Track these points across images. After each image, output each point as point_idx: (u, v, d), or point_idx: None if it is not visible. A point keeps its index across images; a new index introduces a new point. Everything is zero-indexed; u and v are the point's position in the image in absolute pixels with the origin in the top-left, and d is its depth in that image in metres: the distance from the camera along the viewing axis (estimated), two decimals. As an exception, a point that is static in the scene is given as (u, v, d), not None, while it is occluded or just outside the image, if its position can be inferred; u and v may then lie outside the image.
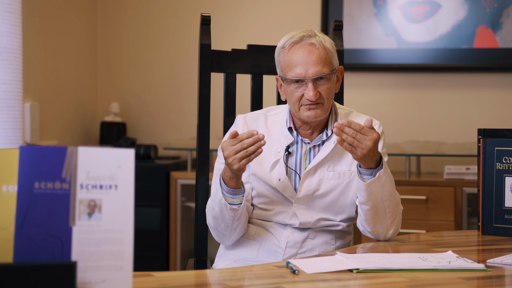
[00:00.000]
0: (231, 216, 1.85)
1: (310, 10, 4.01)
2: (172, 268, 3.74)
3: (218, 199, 1.84)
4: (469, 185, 3.40)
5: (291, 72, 1.89)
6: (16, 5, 3.23)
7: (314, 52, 1.87)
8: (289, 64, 1.89)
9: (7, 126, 3.21)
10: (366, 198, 1.82)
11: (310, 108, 1.88)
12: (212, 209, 1.89)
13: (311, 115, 1.88)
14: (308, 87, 1.86)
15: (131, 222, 1.11)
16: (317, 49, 1.88)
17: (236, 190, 1.83)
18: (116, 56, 4.33)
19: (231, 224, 1.88)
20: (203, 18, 2.15)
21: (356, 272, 1.46)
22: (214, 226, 1.92)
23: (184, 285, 1.37)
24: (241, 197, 1.84)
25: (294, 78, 1.88)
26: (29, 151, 1.08)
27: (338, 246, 1.97)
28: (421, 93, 3.93)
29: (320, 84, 1.88)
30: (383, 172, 1.79)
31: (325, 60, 1.88)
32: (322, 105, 1.89)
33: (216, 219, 1.89)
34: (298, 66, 1.87)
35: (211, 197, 1.91)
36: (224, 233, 1.92)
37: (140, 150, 3.85)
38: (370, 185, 1.79)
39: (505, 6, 3.75)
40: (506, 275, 1.49)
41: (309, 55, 1.87)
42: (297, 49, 1.89)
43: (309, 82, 1.86)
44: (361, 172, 1.81)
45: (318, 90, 1.87)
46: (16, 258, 1.07)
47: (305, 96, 1.87)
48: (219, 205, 1.84)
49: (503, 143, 2.03)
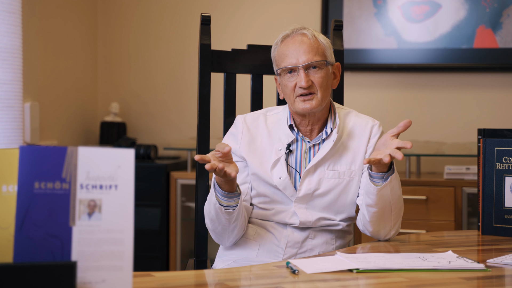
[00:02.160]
0: (227, 219, 1.85)
1: (310, 10, 4.01)
2: (172, 268, 3.74)
3: (213, 203, 1.83)
4: (469, 185, 3.40)
5: (283, 63, 1.92)
6: (16, 5, 3.23)
7: (305, 42, 1.91)
8: (282, 55, 1.93)
9: (7, 126, 3.21)
10: (376, 201, 1.82)
11: (304, 100, 1.90)
12: (209, 212, 1.89)
13: (306, 108, 1.90)
14: (300, 75, 1.89)
15: (131, 222, 1.11)
16: (308, 39, 1.92)
17: (231, 193, 1.81)
18: (116, 56, 4.33)
19: (228, 226, 1.88)
20: (203, 18, 2.15)
21: (356, 272, 1.46)
22: (212, 228, 1.92)
23: (184, 285, 1.36)
24: (237, 199, 1.82)
25: (286, 67, 1.90)
26: (29, 151, 1.08)
27: (338, 246, 1.97)
28: (421, 93, 3.93)
29: (312, 73, 1.90)
30: (394, 176, 1.79)
31: (316, 49, 1.91)
32: (316, 95, 1.90)
33: (213, 221, 1.88)
34: (289, 56, 1.91)
35: (207, 200, 1.90)
36: (222, 235, 1.92)
37: (140, 150, 3.85)
38: (382, 189, 1.79)
39: (505, 6, 3.75)
40: (506, 275, 1.49)
41: (300, 44, 1.91)
42: (288, 41, 1.94)
43: (300, 69, 1.89)
44: (372, 176, 1.81)
45: (310, 79, 1.89)
46: (16, 258, 1.07)
47: (298, 84, 1.89)
48: (214, 208, 1.84)
49: (503, 143, 2.03)
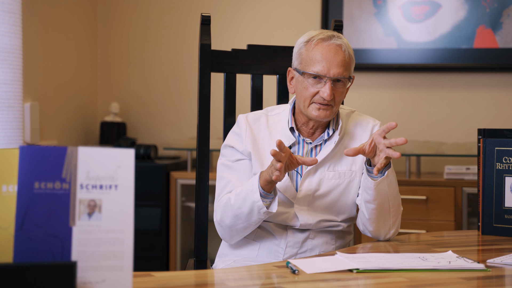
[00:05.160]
0: (260, 219, 1.84)
1: (310, 10, 4.01)
2: (172, 268, 3.74)
3: (252, 200, 1.81)
4: (469, 185, 3.40)
5: (312, 67, 1.87)
6: (16, 5, 3.23)
7: (339, 54, 1.87)
8: (312, 58, 1.88)
9: (7, 126, 3.21)
10: (374, 196, 1.82)
11: (320, 108, 1.87)
12: (237, 208, 1.85)
13: (321, 115, 1.88)
14: (326, 86, 1.85)
15: (131, 222, 1.11)
16: (343, 51, 1.87)
17: (269, 194, 1.81)
18: (116, 56, 4.33)
19: (253, 226, 1.87)
20: (203, 18, 2.15)
21: (356, 272, 1.46)
22: (230, 224, 1.89)
23: (184, 285, 1.36)
24: (268, 201, 1.82)
25: (315, 73, 1.86)
26: (29, 151, 1.08)
27: (338, 246, 1.97)
28: (421, 93, 3.93)
29: (337, 86, 1.87)
30: (391, 170, 1.80)
31: (347, 64, 1.88)
32: (332, 107, 1.88)
33: (238, 218, 1.86)
34: (321, 63, 1.86)
35: (236, 197, 1.86)
36: (239, 232, 1.90)
37: (140, 150, 3.85)
38: (379, 183, 1.79)
39: (505, 6, 3.75)
40: (506, 275, 1.49)
41: (335, 55, 1.86)
42: (324, 46, 1.87)
43: (328, 81, 1.85)
44: (369, 171, 1.81)
45: (333, 92, 1.86)
46: (16, 258, 1.07)
47: (320, 94, 1.86)
48: (250, 206, 1.81)
49: (503, 143, 2.03)
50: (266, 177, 1.77)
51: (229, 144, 1.98)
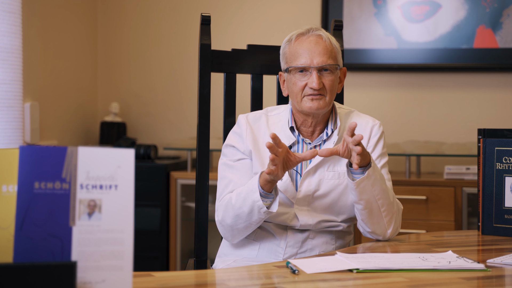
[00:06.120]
0: (260, 219, 1.84)
1: (310, 10, 4.01)
2: (172, 268, 3.74)
3: (252, 200, 1.81)
4: (469, 185, 3.40)
5: (296, 61, 1.90)
6: (16, 5, 3.23)
7: (320, 43, 1.90)
8: (295, 53, 1.91)
9: (7, 126, 3.21)
10: (358, 196, 1.82)
11: (312, 99, 1.88)
12: (238, 208, 1.85)
13: (313, 106, 1.88)
14: (312, 76, 1.87)
15: (131, 222, 1.11)
16: (323, 41, 1.90)
17: (269, 194, 1.81)
18: (116, 56, 4.33)
19: (254, 225, 1.87)
20: (203, 18, 2.15)
21: (356, 272, 1.46)
22: (231, 224, 1.89)
23: (184, 285, 1.37)
24: (269, 201, 1.82)
25: (299, 66, 1.88)
26: (29, 151, 1.08)
27: (338, 246, 1.97)
28: (421, 93, 3.93)
29: (324, 75, 1.89)
30: (372, 170, 1.79)
31: (330, 52, 1.90)
32: (324, 97, 1.89)
33: (239, 218, 1.86)
34: (303, 55, 1.89)
35: (237, 196, 1.86)
36: (240, 231, 1.90)
37: (140, 150, 3.85)
38: (360, 183, 1.79)
39: (505, 6, 3.75)
40: (506, 275, 1.49)
41: (315, 45, 1.89)
42: (303, 40, 1.91)
43: (313, 71, 1.87)
44: (352, 172, 1.82)
45: (322, 81, 1.88)
46: (16, 258, 1.07)
47: (309, 85, 1.88)
48: (251, 206, 1.81)
49: (503, 143, 2.03)
50: (265, 176, 1.78)
51: (230, 143, 1.98)
